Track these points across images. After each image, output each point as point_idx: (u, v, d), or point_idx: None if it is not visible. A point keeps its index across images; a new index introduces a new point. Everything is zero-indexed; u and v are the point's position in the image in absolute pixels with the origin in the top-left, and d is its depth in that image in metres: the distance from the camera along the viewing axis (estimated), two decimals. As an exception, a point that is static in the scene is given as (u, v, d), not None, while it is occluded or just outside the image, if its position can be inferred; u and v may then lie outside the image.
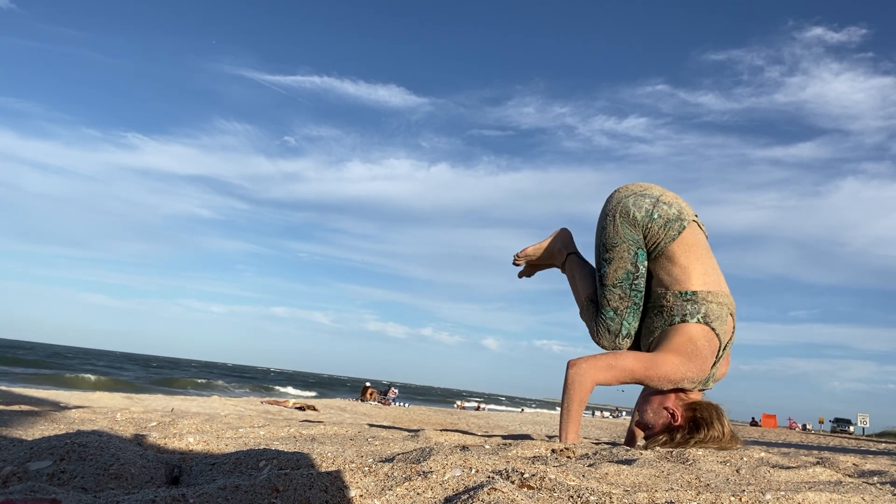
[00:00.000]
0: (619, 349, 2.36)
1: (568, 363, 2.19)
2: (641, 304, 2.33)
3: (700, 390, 2.26)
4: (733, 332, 2.30)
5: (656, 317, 2.27)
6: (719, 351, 2.22)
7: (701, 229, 2.36)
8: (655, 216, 2.25)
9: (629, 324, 2.33)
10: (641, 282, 2.31)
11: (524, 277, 2.90)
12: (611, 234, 2.31)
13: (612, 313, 2.34)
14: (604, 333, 2.36)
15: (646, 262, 2.31)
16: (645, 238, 2.28)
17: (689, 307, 2.19)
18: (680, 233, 2.24)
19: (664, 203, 2.28)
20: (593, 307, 2.44)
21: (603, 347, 2.39)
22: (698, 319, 2.18)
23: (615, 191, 2.42)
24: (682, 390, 2.22)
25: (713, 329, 2.19)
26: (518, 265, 2.83)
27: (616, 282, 2.31)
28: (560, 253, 2.70)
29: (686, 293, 2.20)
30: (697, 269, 2.23)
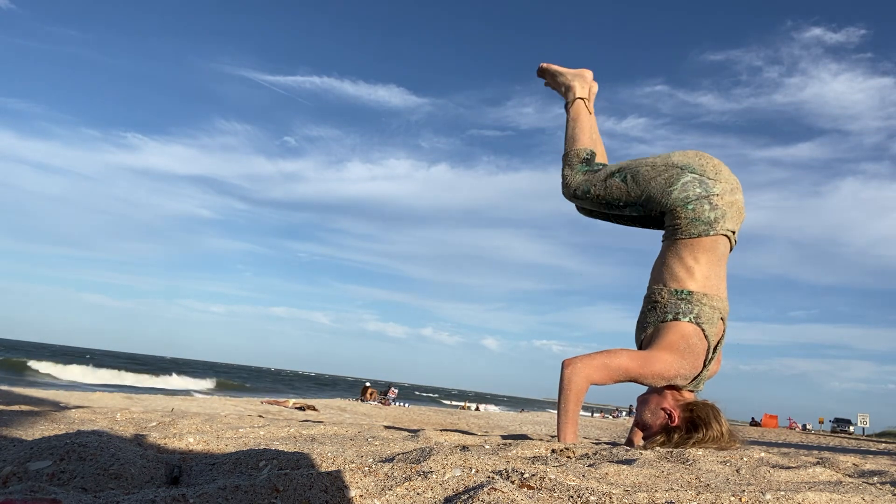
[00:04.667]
0: (575, 199, 2.59)
1: (563, 363, 2.20)
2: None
3: (690, 391, 2.27)
4: (723, 335, 2.32)
5: (650, 312, 2.30)
6: (709, 352, 2.24)
7: (731, 243, 2.34)
8: (690, 207, 2.27)
9: (586, 190, 2.51)
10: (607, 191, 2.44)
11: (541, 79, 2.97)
12: (640, 182, 2.35)
13: (586, 186, 2.49)
14: (566, 187, 2.57)
15: (622, 193, 2.39)
16: (664, 214, 2.33)
17: (682, 306, 2.22)
18: (700, 236, 2.25)
19: (708, 203, 2.27)
20: (578, 163, 2.57)
21: (564, 187, 2.57)
22: (690, 319, 2.21)
23: (699, 157, 2.35)
24: (676, 388, 2.23)
25: (703, 331, 2.21)
26: (539, 75, 2.94)
27: (606, 188, 2.44)
28: (570, 91, 2.76)
29: (682, 292, 2.23)
30: (700, 271, 2.25)
